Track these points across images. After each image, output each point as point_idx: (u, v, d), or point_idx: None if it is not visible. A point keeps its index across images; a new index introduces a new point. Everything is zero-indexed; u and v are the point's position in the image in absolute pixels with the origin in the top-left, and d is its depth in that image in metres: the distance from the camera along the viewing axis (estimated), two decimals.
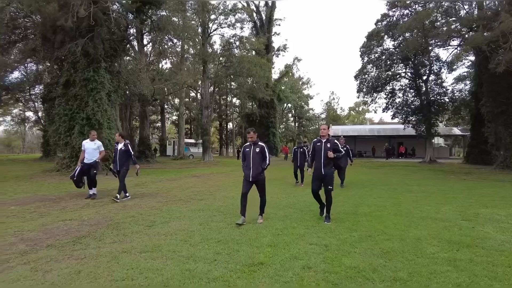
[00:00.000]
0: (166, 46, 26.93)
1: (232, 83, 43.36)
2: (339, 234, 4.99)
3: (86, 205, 7.46)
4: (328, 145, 5.86)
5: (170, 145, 41.86)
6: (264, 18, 38.91)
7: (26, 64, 26.48)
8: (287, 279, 3.29)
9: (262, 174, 5.79)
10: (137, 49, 25.21)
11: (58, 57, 16.53)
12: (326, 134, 5.93)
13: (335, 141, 5.92)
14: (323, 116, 67.88)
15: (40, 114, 37.80)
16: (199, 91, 42.26)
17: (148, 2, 17.88)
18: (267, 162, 5.76)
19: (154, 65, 30.36)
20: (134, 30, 21.91)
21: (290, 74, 51.28)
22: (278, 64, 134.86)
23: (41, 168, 17.95)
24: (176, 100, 44.00)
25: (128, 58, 24.40)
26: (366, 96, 28.58)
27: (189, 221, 5.87)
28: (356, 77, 28.61)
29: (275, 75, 44.97)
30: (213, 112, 47.06)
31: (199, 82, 36.68)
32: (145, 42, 26.58)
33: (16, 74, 27.25)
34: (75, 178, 8.39)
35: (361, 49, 27.56)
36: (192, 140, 43.09)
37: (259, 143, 5.85)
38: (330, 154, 5.74)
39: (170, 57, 31.08)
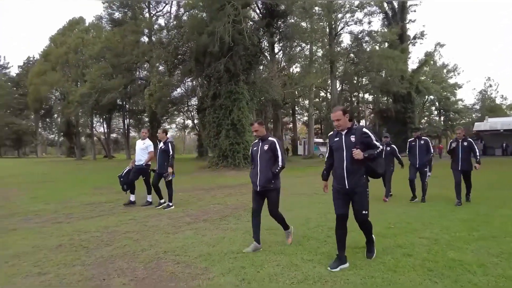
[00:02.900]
0: (295, 51, 28.70)
1: (363, 78, 42.03)
2: (456, 232, 4.88)
3: (229, 194, 9.36)
4: (352, 138, 3.49)
5: (301, 145, 43.72)
6: (396, 7, 36.30)
7: (184, 82, 32.69)
8: (385, 261, 3.73)
9: (274, 182, 4.17)
10: (269, 58, 27.74)
11: (207, 74, 20.13)
12: (344, 124, 3.53)
13: (364, 130, 3.55)
14: (476, 107, 57.62)
15: (195, 121, 45.91)
16: (328, 90, 42.68)
17: (275, 16, 19.75)
18: (280, 164, 4.15)
19: (285, 70, 32.60)
20: (266, 43, 24.30)
21: (431, 62, 45.96)
22: (416, 53, 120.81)
23: (197, 165, 22.11)
24: (306, 102, 45.71)
25: (261, 67, 27.19)
26: None
27: (308, 210, 6.76)
28: None
29: (412, 65, 41.27)
30: None
31: (328, 82, 37.14)
32: (275, 50, 28.93)
33: (178, 91, 34.02)
34: (121, 178, 7.50)
35: None
36: (321, 140, 43.82)
37: (269, 138, 4.26)
38: (357, 154, 3.37)
39: (299, 61, 32.79)
